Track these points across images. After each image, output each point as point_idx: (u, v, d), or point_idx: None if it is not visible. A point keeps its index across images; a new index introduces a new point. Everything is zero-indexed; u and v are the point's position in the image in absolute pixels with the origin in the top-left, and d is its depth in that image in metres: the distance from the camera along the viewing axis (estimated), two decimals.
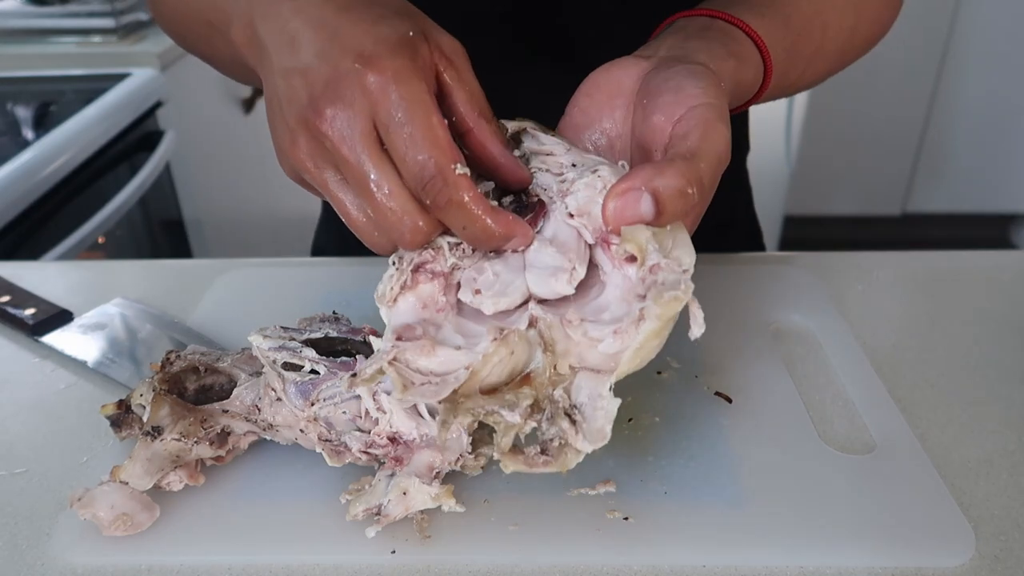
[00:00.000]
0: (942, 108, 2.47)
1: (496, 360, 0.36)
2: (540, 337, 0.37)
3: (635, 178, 0.36)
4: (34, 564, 0.43)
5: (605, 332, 0.36)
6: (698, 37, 0.45)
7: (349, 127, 0.36)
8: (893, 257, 0.71)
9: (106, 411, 0.48)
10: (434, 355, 0.37)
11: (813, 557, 0.42)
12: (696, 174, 0.36)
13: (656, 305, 0.34)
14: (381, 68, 0.36)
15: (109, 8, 1.52)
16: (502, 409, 0.36)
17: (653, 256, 0.35)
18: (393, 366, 0.37)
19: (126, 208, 1.29)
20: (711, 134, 0.38)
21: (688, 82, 0.39)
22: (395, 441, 0.44)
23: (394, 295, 0.39)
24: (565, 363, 0.37)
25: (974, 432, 0.51)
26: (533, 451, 0.37)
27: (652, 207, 0.35)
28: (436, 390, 0.36)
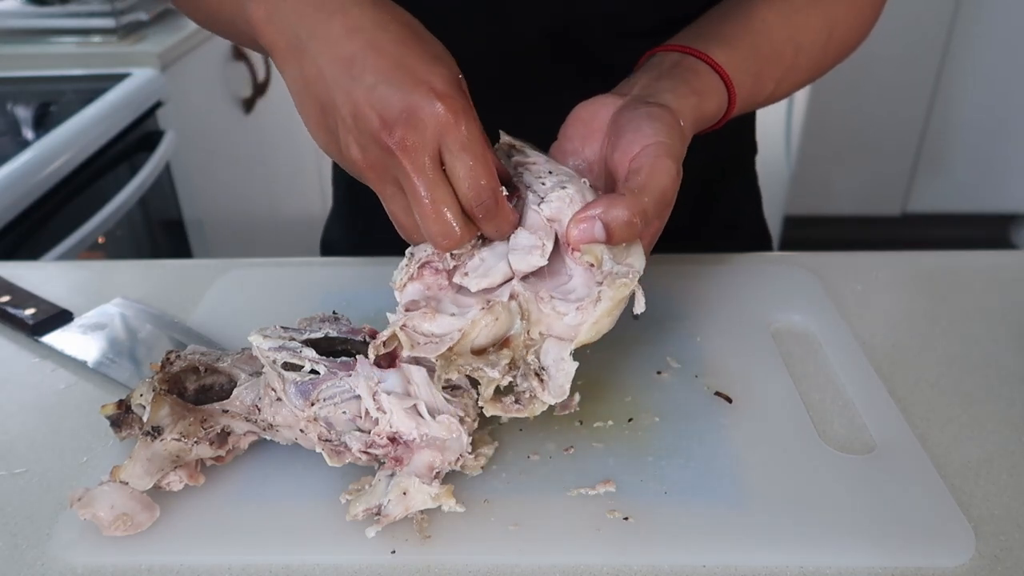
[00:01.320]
0: (942, 108, 2.47)
1: (483, 324, 0.44)
2: (520, 307, 0.46)
3: (592, 208, 0.45)
4: (34, 564, 0.43)
5: (570, 308, 0.45)
6: (667, 76, 0.52)
7: (419, 149, 0.42)
8: (893, 257, 0.71)
9: (106, 411, 0.48)
10: (434, 320, 0.45)
11: (813, 557, 0.42)
12: (640, 207, 0.44)
13: (610, 288, 0.44)
14: (452, 105, 0.42)
15: (109, 8, 1.51)
16: (485, 367, 0.45)
17: (608, 264, 0.45)
18: (403, 330, 0.45)
19: (126, 208, 1.29)
20: (657, 171, 0.45)
21: (646, 123, 0.46)
22: (395, 441, 0.44)
23: (404, 282, 0.48)
24: (536, 330, 0.46)
25: (974, 432, 0.51)
26: (509, 400, 0.46)
27: (603, 233, 0.44)
28: (435, 347, 0.44)
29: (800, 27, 0.58)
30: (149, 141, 1.44)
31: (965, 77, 2.42)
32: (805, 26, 0.59)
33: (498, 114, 0.51)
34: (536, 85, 0.67)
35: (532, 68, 0.66)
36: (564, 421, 0.50)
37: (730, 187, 0.78)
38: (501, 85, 0.64)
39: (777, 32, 0.57)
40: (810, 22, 0.59)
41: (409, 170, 0.43)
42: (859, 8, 0.62)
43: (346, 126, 0.44)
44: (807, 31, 0.59)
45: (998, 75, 2.41)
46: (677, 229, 0.54)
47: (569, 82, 0.66)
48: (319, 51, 0.44)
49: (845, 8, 0.61)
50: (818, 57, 0.61)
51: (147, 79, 1.44)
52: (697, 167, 0.54)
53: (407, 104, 0.42)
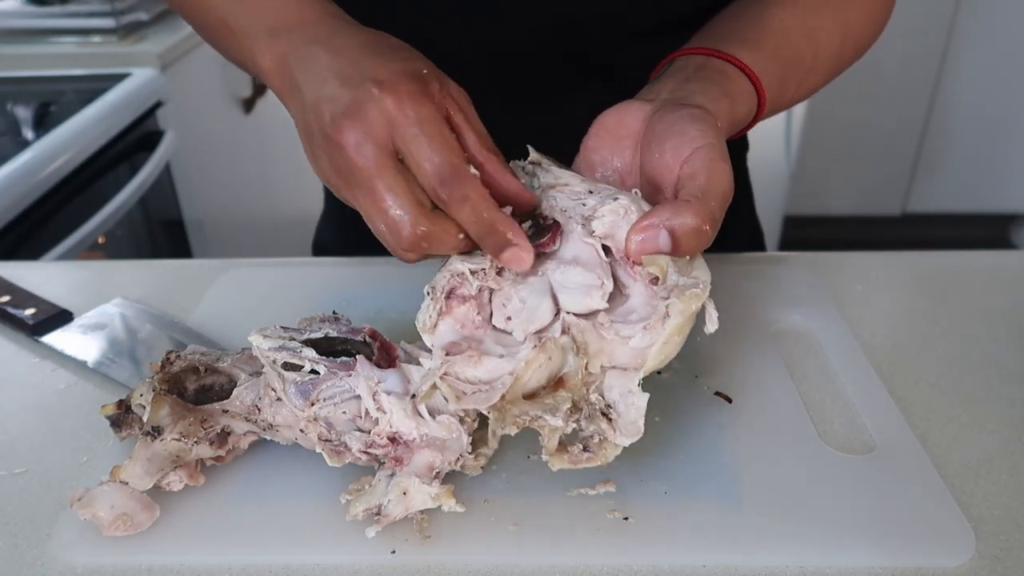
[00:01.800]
0: (942, 108, 2.47)
1: (536, 365, 0.40)
2: (573, 342, 0.42)
3: (655, 215, 0.41)
4: (34, 564, 0.43)
5: (635, 329, 0.41)
6: (695, 79, 0.50)
7: (364, 139, 0.41)
8: (893, 257, 0.71)
9: (106, 411, 0.48)
10: (481, 365, 0.41)
11: (813, 557, 0.42)
12: (709, 213, 0.41)
13: (680, 301, 0.39)
14: (397, 92, 0.41)
15: (109, 8, 1.51)
16: (545, 414, 0.40)
17: (673, 276, 0.40)
18: (445, 380, 0.41)
19: (126, 208, 1.29)
20: (716, 174, 0.42)
21: (690, 126, 0.44)
22: (395, 441, 0.44)
23: (433, 322, 0.44)
24: (597, 363, 0.42)
25: (974, 432, 0.51)
26: (576, 449, 0.41)
27: (668, 242, 0.41)
28: (487, 396, 0.40)
29: (816, 28, 0.58)
30: (149, 141, 1.44)
31: (965, 77, 2.42)
32: (821, 27, 0.58)
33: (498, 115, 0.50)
34: (536, 85, 0.67)
35: (531, 68, 0.66)
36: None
37: None
38: (500, 85, 0.64)
39: (795, 34, 0.56)
40: (824, 23, 0.59)
41: (358, 163, 0.42)
42: (871, 8, 0.62)
43: (314, 137, 0.44)
44: (823, 32, 0.58)
45: (998, 75, 2.41)
46: None
47: (569, 82, 0.66)
48: (302, 77, 0.45)
49: (858, 9, 0.61)
50: (835, 58, 0.60)
51: (147, 79, 1.44)
52: None
53: (352, 99, 0.42)
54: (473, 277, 0.44)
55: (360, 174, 0.42)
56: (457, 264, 0.44)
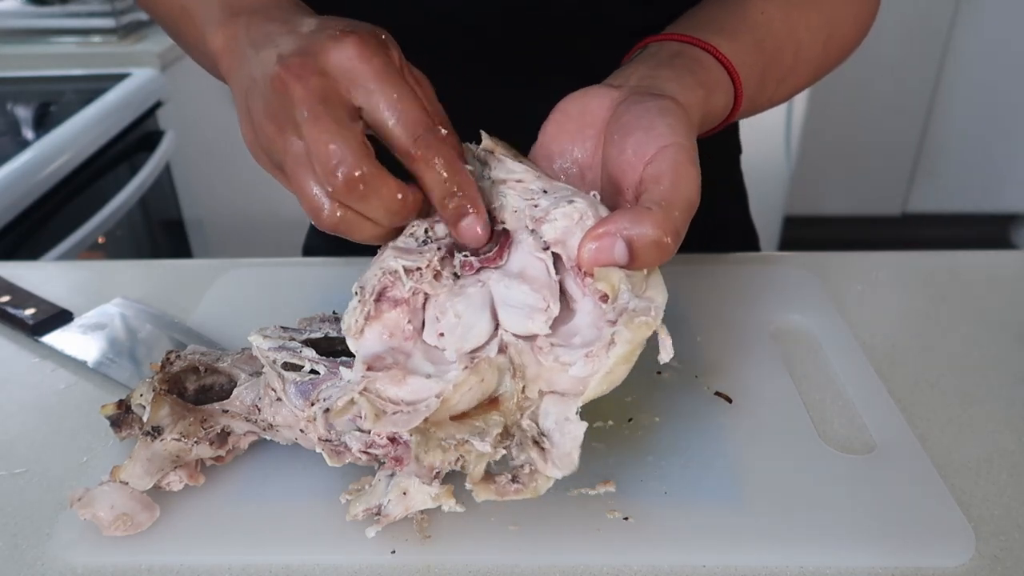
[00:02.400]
0: (942, 108, 2.47)
1: (466, 388, 0.37)
2: (511, 363, 0.38)
3: (612, 223, 0.37)
4: (34, 564, 0.43)
5: (576, 356, 0.37)
6: (668, 66, 0.46)
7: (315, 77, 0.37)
8: (893, 257, 0.71)
9: (106, 411, 0.48)
10: (405, 384, 0.38)
11: (813, 557, 0.42)
12: (672, 224, 0.37)
13: (627, 329, 0.35)
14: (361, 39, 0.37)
15: (109, 8, 1.52)
16: (473, 438, 0.36)
17: (624, 296, 0.36)
18: (364, 396, 0.38)
19: (126, 208, 1.29)
20: (682, 179, 0.38)
21: (659, 120, 0.40)
22: (395, 441, 0.44)
23: (360, 326, 0.40)
24: (535, 387, 0.38)
25: (974, 432, 0.51)
26: (504, 479, 0.38)
27: (625, 254, 0.37)
28: (408, 419, 0.37)
29: (800, 24, 0.56)
30: (149, 141, 1.44)
31: (965, 77, 2.42)
32: (804, 24, 0.56)
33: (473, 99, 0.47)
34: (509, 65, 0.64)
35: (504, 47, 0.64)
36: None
37: (716, 189, 0.78)
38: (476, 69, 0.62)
39: (778, 27, 0.54)
40: (809, 20, 0.57)
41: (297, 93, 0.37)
42: (857, 10, 0.61)
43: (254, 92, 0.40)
44: (807, 29, 0.56)
45: (998, 75, 2.41)
46: None
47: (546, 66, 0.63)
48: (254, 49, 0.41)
49: (844, 9, 0.59)
50: (818, 58, 0.58)
51: (147, 79, 1.44)
52: None
53: (308, 41, 0.38)
54: (407, 277, 0.40)
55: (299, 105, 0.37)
56: (390, 261, 0.40)
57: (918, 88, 2.44)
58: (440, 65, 0.43)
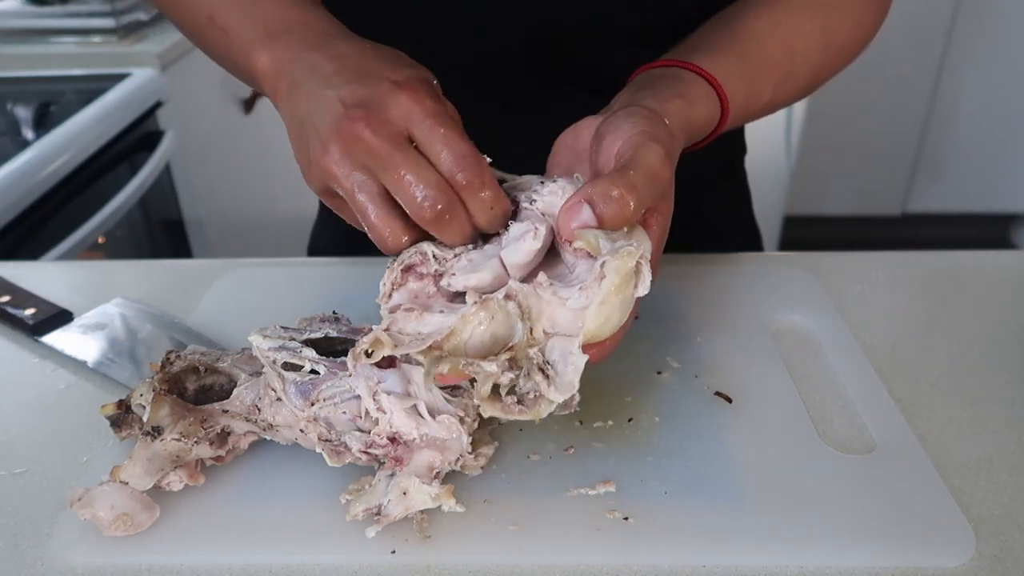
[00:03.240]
0: (942, 108, 2.47)
1: (476, 322, 0.41)
2: (519, 308, 0.42)
3: (576, 195, 0.42)
4: (34, 564, 0.43)
5: (572, 291, 0.41)
6: (648, 86, 0.50)
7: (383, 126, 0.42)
8: (893, 257, 0.71)
9: (106, 411, 0.48)
10: (422, 319, 0.43)
11: (813, 557, 0.42)
12: (626, 180, 0.41)
13: (613, 258, 0.40)
14: (415, 89, 0.43)
15: (109, 8, 1.51)
16: (482, 362, 0.40)
17: (604, 246, 0.41)
18: (386, 333, 0.42)
19: (126, 208, 1.29)
20: (642, 150, 0.43)
21: (626, 122, 0.45)
22: (395, 441, 0.44)
23: (387, 292, 0.45)
24: (539, 327, 0.42)
25: (974, 432, 0.51)
26: (511, 400, 0.41)
27: (591, 214, 0.41)
28: (420, 343, 0.41)
29: (792, 32, 0.58)
30: (149, 141, 1.44)
31: (965, 77, 2.42)
32: (798, 31, 0.58)
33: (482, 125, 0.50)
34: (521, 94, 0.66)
35: (515, 75, 0.66)
36: (564, 421, 0.50)
37: (721, 189, 0.78)
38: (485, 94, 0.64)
39: (767, 38, 0.56)
40: (802, 27, 0.58)
41: (375, 144, 0.42)
42: (858, 14, 0.61)
43: (315, 129, 0.44)
44: (800, 36, 0.58)
45: (998, 75, 2.41)
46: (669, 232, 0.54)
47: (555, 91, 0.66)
48: (305, 79, 0.46)
49: (840, 15, 0.60)
50: (816, 62, 0.60)
51: (147, 79, 1.44)
52: (687, 170, 0.53)
53: (370, 92, 0.43)
54: (435, 260, 0.45)
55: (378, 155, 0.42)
56: (424, 245, 0.45)
57: (918, 88, 2.44)
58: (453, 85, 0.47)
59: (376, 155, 0.42)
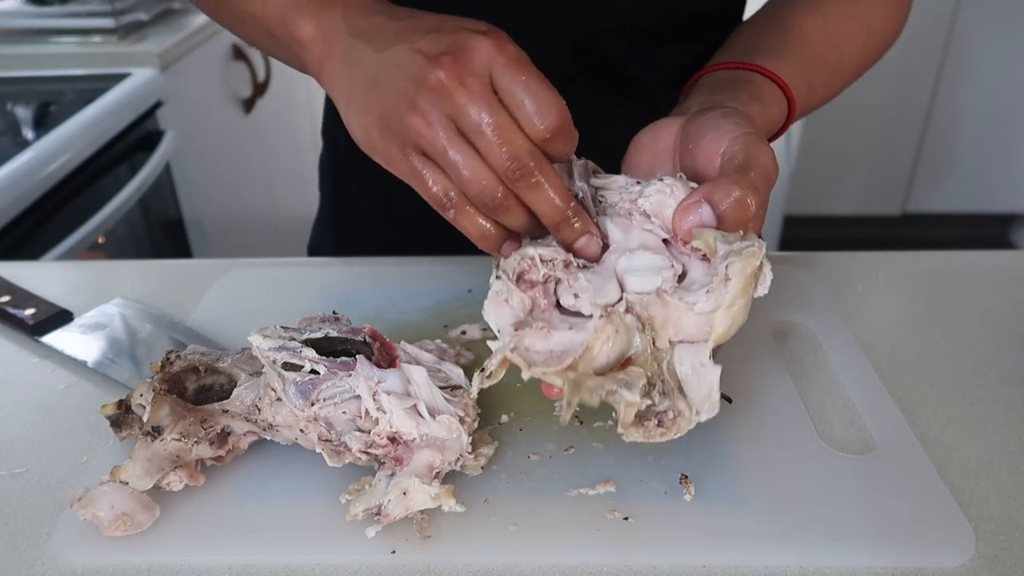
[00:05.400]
0: (942, 108, 2.47)
1: (605, 336, 0.40)
2: (638, 320, 0.41)
3: (696, 193, 0.42)
4: (34, 564, 0.43)
5: (698, 296, 0.40)
6: (723, 90, 0.51)
7: (472, 77, 0.40)
8: (893, 257, 0.71)
9: (106, 411, 0.48)
10: (551, 337, 0.41)
11: (813, 557, 0.42)
12: (748, 181, 0.41)
13: (739, 260, 0.39)
14: (496, 35, 0.41)
15: (109, 8, 1.51)
16: (622, 389, 0.40)
17: (722, 248, 0.40)
18: (514, 353, 0.41)
19: (126, 208, 1.29)
20: (755, 151, 0.42)
21: (724, 122, 0.45)
22: (395, 441, 0.44)
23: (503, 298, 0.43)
24: (664, 336, 0.41)
25: (974, 432, 0.51)
26: (652, 424, 0.41)
27: (711, 213, 0.41)
28: (558, 361, 0.40)
29: (838, 34, 0.59)
30: (149, 141, 1.44)
31: (965, 77, 2.42)
32: (842, 32, 0.60)
33: None
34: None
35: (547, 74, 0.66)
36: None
37: None
38: None
39: (818, 41, 0.58)
40: (846, 28, 0.60)
41: (464, 99, 0.40)
42: (893, 9, 0.63)
43: (395, 85, 0.43)
44: (845, 36, 0.60)
45: (998, 75, 2.41)
46: None
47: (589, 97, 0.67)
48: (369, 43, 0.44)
49: (880, 11, 0.62)
50: (859, 60, 0.62)
51: (147, 79, 1.44)
52: None
53: (451, 40, 0.41)
54: (543, 264, 0.44)
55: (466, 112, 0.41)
56: (528, 248, 0.44)
57: (918, 88, 2.44)
58: None
59: (465, 111, 0.41)
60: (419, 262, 0.68)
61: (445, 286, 0.65)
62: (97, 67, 1.48)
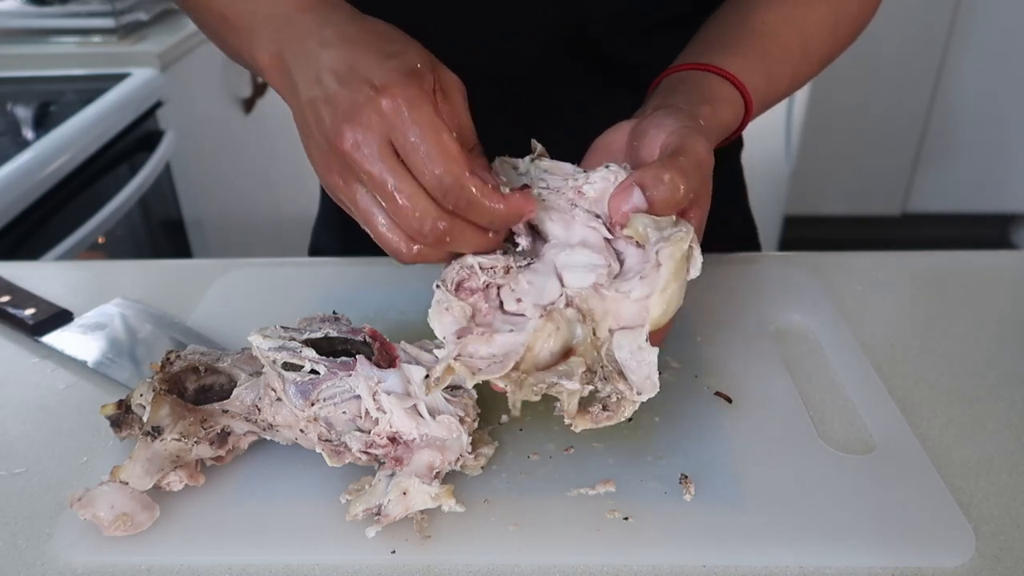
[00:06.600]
0: (942, 107, 2.47)
1: (546, 335, 0.41)
2: (579, 312, 0.43)
3: (628, 179, 0.44)
4: (34, 564, 0.43)
5: (633, 283, 0.42)
6: (677, 92, 0.51)
7: (367, 145, 0.41)
8: (893, 257, 0.71)
9: (106, 411, 0.48)
10: (493, 341, 0.42)
11: (813, 557, 0.42)
12: (677, 165, 0.42)
13: (668, 244, 0.41)
14: (393, 95, 0.41)
15: (109, 8, 1.51)
16: (562, 380, 0.41)
17: (653, 236, 0.42)
18: (460, 360, 0.41)
19: (126, 208, 1.29)
20: (688, 140, 0.44)
21: (667, 119, 0.46)
22: (395, 441, 0.44)
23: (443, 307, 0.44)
24: (604, 326, 0.43)
25: (974, 432, 0.51)
26: (596, 409, 0.42)
27: (642, 197, 0.43)
28: (500, 366, 0.41)
29: (804, 21, 0.58)
30: (149, 141, 1.43)
31: (965, 76, 2.42)
32: (809, 19, 0.59)
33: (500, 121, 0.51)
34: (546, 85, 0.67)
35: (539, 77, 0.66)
36: (564, 421, 0.50)
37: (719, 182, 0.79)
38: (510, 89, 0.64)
39: (783, 30, 0.57)
40: (813, 16, 0.59)
41: (367, 168, 0.41)
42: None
43: (313, 139, 0.44)
44: (812, 24, 0.59)
45: (998, 74, 2.41)
46: None
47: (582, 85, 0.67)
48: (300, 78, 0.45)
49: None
50: (827, 47, 0.61)
51: (147, 79, 1.44)
52: None
53: (350, 104, 0.42)
54: (482, 272, 0.44)
55: (370, 177, 0.42)
56: (468, 259, 0.44)
57: (918, 88, 2.44)
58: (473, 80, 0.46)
59: (363, 172, 0.42)
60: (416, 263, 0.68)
61: None
62: (97, 67, 1.47)
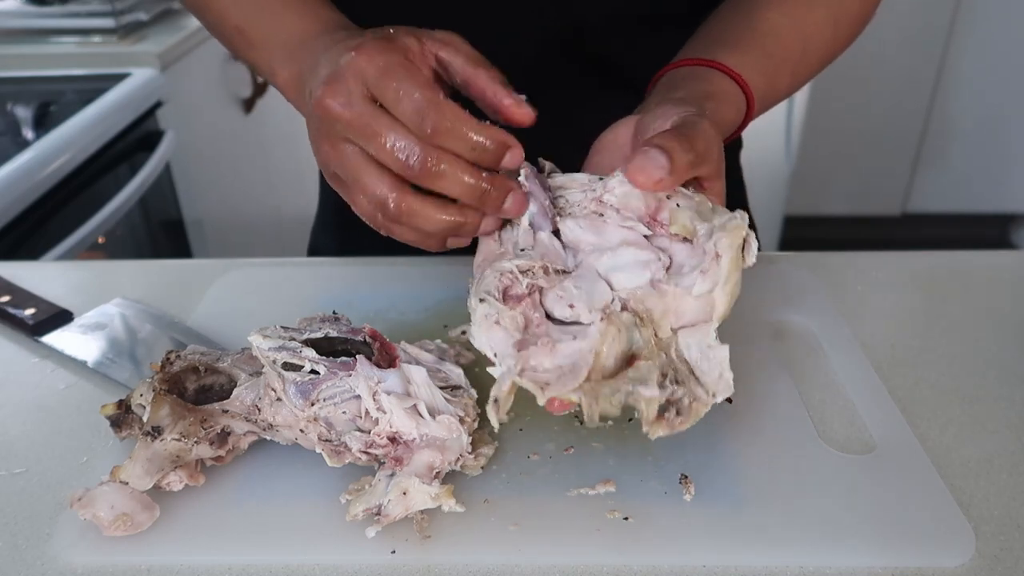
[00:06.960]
0: (942, 108, 2.47)
1: (611, 338, 0.39)
2: (635, 315, 0.40)
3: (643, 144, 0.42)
4: (34, 564, 0.43)
5: (693, 278, 0.40)
6: (679, 87, 0.51)
7: (345, 95, 0.43)
8: (893, 257, 0.71)
9: (106, 411, 0.48)
10: (556, 351, 0.39)
11: (813, 557, 0.42)
12: (682, 132, 0.43)
13: (726, 234, 0.39)
14: (365, 49, 0.43)
15: (109, 8, 1.51)
16: (637, 386, 0.38)
17: (701, 228, 0.40)
18: (524, 375, 0.38)
19: (126, 208, 1.29)
20: (695, 120, 0.44)
21: (672, 109, 0.46)
22: (395, 441, 0.44)
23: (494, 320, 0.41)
24: (665, 326, 0.41)
25: (974, 432, 0.51)
26: (672, 414, 0.39)
27: (662, 156, 0.41)
28: (572, 378, 0.38)
29: (806, 22, 0.59)
30: (149, 141, 1.43)
31: (965, 77, 2.42)
32: (811, 21, 0.59)
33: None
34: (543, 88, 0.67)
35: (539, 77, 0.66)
36: (564, 421, 0.50)
37: None
38: None
39: (785, 31, 0.57)
40: (814, 17, 0.59)
41: (347, 117, 0.43)
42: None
43: (311, 122, 0.46)
44: (813, 25, 0.59)
45: (998, 75, 2.41)
46: None
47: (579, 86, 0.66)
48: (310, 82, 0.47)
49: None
50: (827, 48, 0.61)
51: (147, 79, 1.44)
52: None
53: (331, 69, 0.44)
54: (523, 276, 0.42)
55: (351, 125, 0.43)
56: (503, 263, 0.43)
57: (918, 88, 2.44)
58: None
59: (344, 122, 0.43)
60: (419, 262, 0.68)
61: (445, 286, 0.65)
62: (97, 67, 1.47)
